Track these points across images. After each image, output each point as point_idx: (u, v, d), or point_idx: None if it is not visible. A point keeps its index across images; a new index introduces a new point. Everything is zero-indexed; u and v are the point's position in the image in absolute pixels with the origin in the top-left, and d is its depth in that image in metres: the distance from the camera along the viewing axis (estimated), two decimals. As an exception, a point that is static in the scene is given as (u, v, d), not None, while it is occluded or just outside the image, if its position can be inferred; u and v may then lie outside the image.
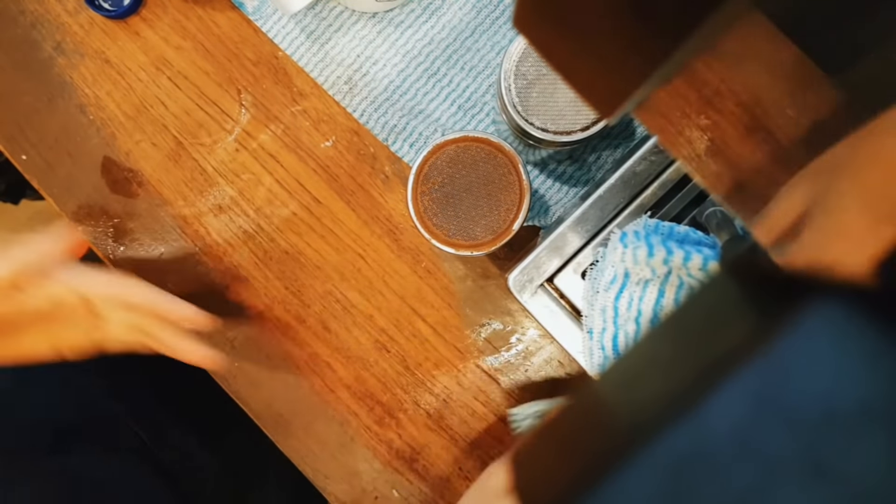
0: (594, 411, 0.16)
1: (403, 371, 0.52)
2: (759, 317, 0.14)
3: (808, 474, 0.12)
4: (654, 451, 0.13)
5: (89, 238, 0.53)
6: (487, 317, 0.52)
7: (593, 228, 0.46)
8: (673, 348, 0.16)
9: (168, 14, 0.52)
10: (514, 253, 0.51)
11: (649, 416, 0.14)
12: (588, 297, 0.45)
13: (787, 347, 0.13)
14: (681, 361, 0.15)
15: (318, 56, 0.52)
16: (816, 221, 0.19)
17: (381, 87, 0.52)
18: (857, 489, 0.12)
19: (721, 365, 0.13)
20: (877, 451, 0.12)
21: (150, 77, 0.52)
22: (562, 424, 0.16)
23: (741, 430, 0.13)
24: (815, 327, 0.13)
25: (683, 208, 0.46)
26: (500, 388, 0.52)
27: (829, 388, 0.12)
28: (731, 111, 0.25)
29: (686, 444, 0.13)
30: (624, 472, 0.13)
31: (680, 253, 0.40)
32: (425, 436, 0.52)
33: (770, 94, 0.25)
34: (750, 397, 0.13)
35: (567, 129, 0.43)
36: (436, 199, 0.44)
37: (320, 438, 0.52)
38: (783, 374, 0.13)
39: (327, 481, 0.52)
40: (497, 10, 0.51)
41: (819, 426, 0.12)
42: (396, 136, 0.52)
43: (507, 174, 0.43)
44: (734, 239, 0.39)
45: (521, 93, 0.43)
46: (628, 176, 0.45)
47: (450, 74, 0.52)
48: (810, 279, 0.14)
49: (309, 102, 0.52)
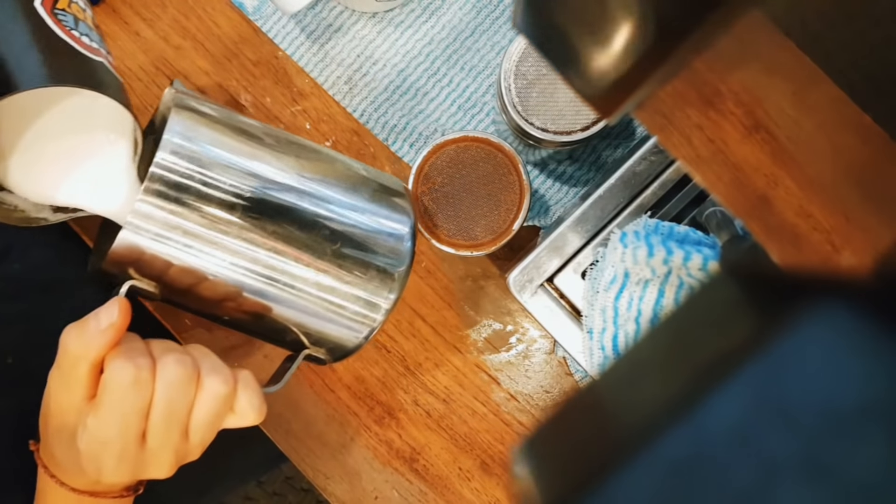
0: (593, 411, 0.16)
1: (403, 371, 0.52)
2: (759, 317, 0.14)
3: (808, 474, 0.12)
4: (654, 451, 0.13)
5: (90, 240, 0.53)
6: (487, 317, 0.52)
7: (593, 228, 0.46)
8: (673, 348, 0.16)
9: (168, 14, 0.52)
10: (514, 253, 0.51)
11: (649, 416, 0.14)
12: (588, 297, 0.45)
13: (787, 347, 0.13)
14: (681, 361, 0.15)
15: (318, 56, 0.52)
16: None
17: (381, 87, 0.52)
18: (857, 489, 0.12)
19: (721, 365, 0.13)
20: (877, 451, 0.12)
21: (150, 77, 0.52)
22: (561, 424, 0.16)
23: (741, 430, 0.13)
24: (815, 327, 0.13)
25: (683, 208, 0.46)
26: (500, 388, 0.52)
27: (830, 388, 0.12)
28: (731, 111, 0.25)
29: (685, 445, 0.13)
30: (623, 472, 0.13)
31: (680, 253, 0.40)
32: (425, 436, 0.52)
33: (770, 94, 0.25)
34: (750, 397, 0.13)
35: (567, 129, 0.43)
36: (436, 199, 0.44)
37: (320, 438, 0.52)
38: (783, 374, 0.13)
39: (327, 481, 0.52)
40: (497, 10, 0.51)
41: (819, 426, 0.12)
42: (396, 136, 0.52)
43: (507, 174, 0.43)
44: (734, 239, 0.39)
45: (521, 93, 0.43)
46: (628, 176, 0.45)
47: (450, 74, 0.52)
48: (810, 279, 0.14)
49: (309, 102, 0.52)
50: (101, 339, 0.32)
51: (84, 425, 0.32)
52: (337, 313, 0.38)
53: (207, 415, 0.34)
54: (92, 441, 0.32)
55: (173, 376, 0.33)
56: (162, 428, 0.33)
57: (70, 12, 0.34)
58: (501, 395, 0.52)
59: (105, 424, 0.32)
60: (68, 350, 0.33)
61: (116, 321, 0.32)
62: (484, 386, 0.52)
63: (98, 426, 0.32)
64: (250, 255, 0.35)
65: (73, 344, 0.32)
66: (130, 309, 0.33)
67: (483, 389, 0.52)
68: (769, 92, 0.25)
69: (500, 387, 0.52)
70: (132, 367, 0.32)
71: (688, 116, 0.25)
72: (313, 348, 0.39)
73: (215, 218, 0.34)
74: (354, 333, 0.39)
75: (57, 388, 0.34)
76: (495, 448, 0.52)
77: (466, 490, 0.52)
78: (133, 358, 0.32)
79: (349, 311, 0.38)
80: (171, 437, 0.33)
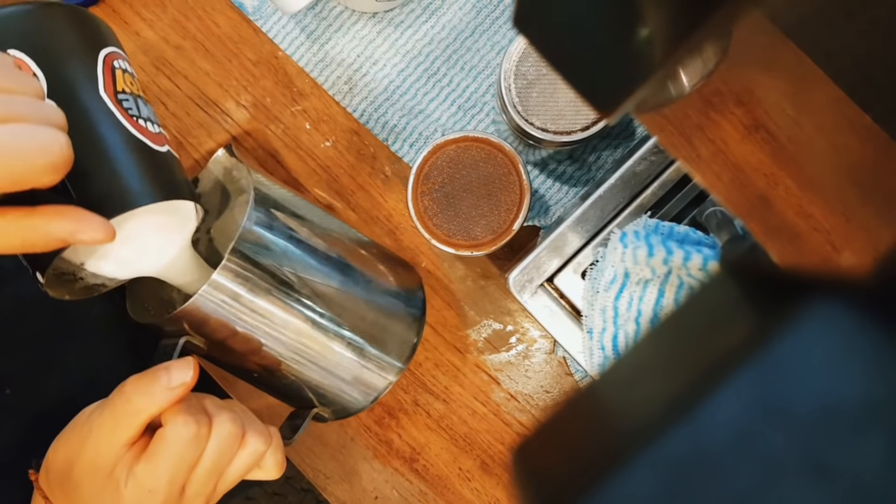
0: (593, 411, 0.16)
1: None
2: (759, 317, 0.14)
3: (808, 474, 0.12)
4: (654, 451, 0.13)
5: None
6: (487, 317, 0.52)
7: (593, 228, 0.46)
8: (673, 348, 0.16)
9: (168, 14, 0.52)
10: (514, 253, 0.51)
11: (649, 416, 0.14)
12: (588, 297, 0.45)
13: (787, 347, 0.13)
14: (681, 361, 0.15)
15: (318, 56, 0.52)
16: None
17: (381, 87, 0.52)
18: (857, 489, 0.12)
19: (721, 364, 0.13)
20: (877, 451, 0.12)
21: (150, 77, 0.52)
22: (561, 425, 0.16)
23: (741, 430, 0.13)
24: (815, 327, 0.13)
25: (683, 208, 0.46)
26: (500, 387, 0.52)
27: (830, 388, 0.13)
28: (731, 111, 0.25)
29: (686, 445, 0.13)
30: (623, 472, 0.13)
31: (680, 253, 0.40)
32: (425, 436, 0.52)
33: (770, 94, 0.25)
34: (750, 397, 0.13)
35: (567, 129, 0.43)
36: (436, 199, 0.44)
37: (320, 438, 0.52)
38: (783, 373, 0.13)
39: (327, 481, 0.52)
40: (497, 10, 0.51)
41: (819, 426, 0.12)
42: (396, 136, 0.52)
43: (507, 174, 0.43)
44: (734, 239, 0.39)
45: (521, 93, 0.43)
46: (628, 176, 0.45)
47: (450, 74, 0.52)
48: (810, 279, 0.14)
49: (309, 102, 0.52)
50: (169, 395, 0.33)
51: (132, 473, 0.34)
52: (350, 383, 0.43)
53: (243, 470, 0.36)
54: (139, 488, 0.34)
55: (226, 434, 0.35)
56: (204, 480, 0.35)
57: (129, 92, 0.35)
58: (501, 395, 0.52)
59: (156, 475, 0.33)
60: (131, 401, 0.33)
61: (189, 381, 0.34)
62: (484, 386, 0.52)
63: (148, 475, 0.33)
64: (294, 327, 0.40)
65: (139, 397, 0.33)
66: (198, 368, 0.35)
67: (483, 389, 0.52)
68: (769, 92, 0.25)
69: (500, 387, 0.52)
70: (194, 424, 0.33)
71: (688, 116, 0.25)
72: (321, 408, 0.44)
73: (272, 294, 0.39)
74: (360, 400, 0.44)
75: (104, 429, 0.34)
76: (495, 448, 0.52)
77: (466, 490, 0.52)
78: (194, 415, 0.34)
79: (362, 381, 0.43)
80: (208, 489, 0.35)
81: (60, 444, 0.37)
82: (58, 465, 0.37)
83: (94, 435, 0.35)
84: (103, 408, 0.35)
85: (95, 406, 0.36)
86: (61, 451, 0.36)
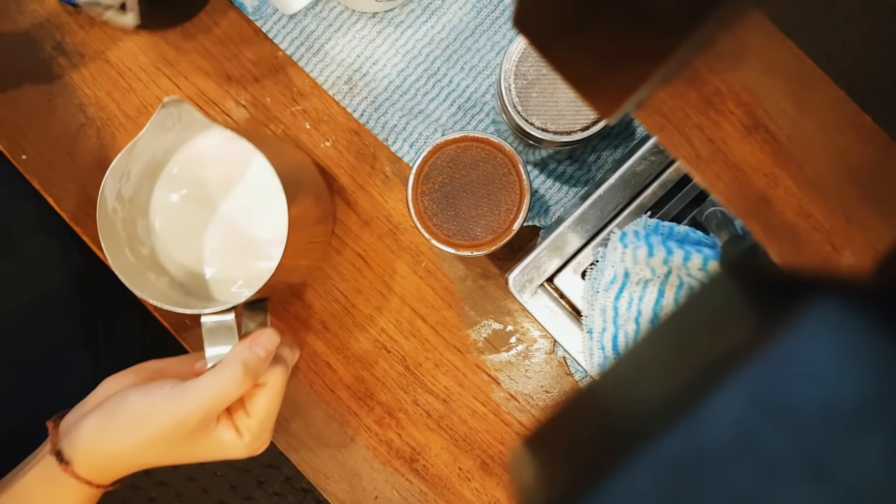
0: (593, 411, 0.16)
1: (403, 371, 0.52)
2: (759, 317, 0.14)
3: (808, 474, 0.12)
4: (654, 450, 0.13)
5: (89, 239, 0.53)
6: (487, 317, 0.52)
7: (593, 228, 0.46)
8: (673, 348, 0.16)
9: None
10: (514, 253, 0.51)
11: (649, 415, 0.14)
12: (588, 297, 0.45)
13: (787, 347, 0.13)
14: (681, 361, 0.15)
15: (318, 56, 0.52)
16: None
17: (381, 87, 0.52)
18: (857, 489, 0.12)
19: (721, 365, 0.13)
20: (877, 451, 0.12)
21: (150, 77, 0.52)
22: (561, 424, 0.16)
23: (741, 431, 0.13)
24: (815, 327, 0.13)
25: (683, 208, 0.46)
26: (500, 388, 0.52)
27: (830, 388, 0.13)
28: (731, 111, 0.25)
29: (685, 445, 0.13)
30: (624, 472, 0.13)
31: (680, 253, 0.40)
32: (425, 436, 0.52)
33: (770, 94, 0.25)
34: (750, 397, 0.13)
35: (567, 129, 0.43)
36: (436, 199, 0.44)
37: (320, 438, 0.52)
38: (783, 373, 0.13)
39: (327, 481, 0.52)
40: (497, 10, 0.51)
41: (819, 425, 0.12)
42: (396, 136, 0.52)
43: (507, 174, 0.43)
44: (734, 239, 0.39)
45: (521, 93, 0.43)
46: (628, 176, 0.45)
47: (450, 74, 0.52)
48: (810, 279, 0.14)
49: (309, 102, 0.52)
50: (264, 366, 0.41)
51: (258, 409, 0.41)
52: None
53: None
54: (268, 418, 0.42)
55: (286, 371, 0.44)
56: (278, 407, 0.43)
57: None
58: (501, 395, 0.52)
59: (276, 403, 0.42)
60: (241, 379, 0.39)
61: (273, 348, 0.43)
62: (484, 386, 0.52)
63: (273, 406, 0.42)
64: None
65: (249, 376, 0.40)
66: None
67: (483, 389, 0.52)
68: (769, 92, 0.25)
69: (500, 387, 0.52)
70: (286, 364, 0.43)
71: (688, 116, 0.25)
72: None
73: None
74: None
75: (216, 384, 0.39)
76: (495, 448, 0.52)
77: (466, 490, 0.52)
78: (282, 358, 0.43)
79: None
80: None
81: (111, 435, 0.39)
82: (118, 455, 0.39)
83: (204, 388, 0.38)
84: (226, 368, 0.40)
85: (151, 391, 0.39)
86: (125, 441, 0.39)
